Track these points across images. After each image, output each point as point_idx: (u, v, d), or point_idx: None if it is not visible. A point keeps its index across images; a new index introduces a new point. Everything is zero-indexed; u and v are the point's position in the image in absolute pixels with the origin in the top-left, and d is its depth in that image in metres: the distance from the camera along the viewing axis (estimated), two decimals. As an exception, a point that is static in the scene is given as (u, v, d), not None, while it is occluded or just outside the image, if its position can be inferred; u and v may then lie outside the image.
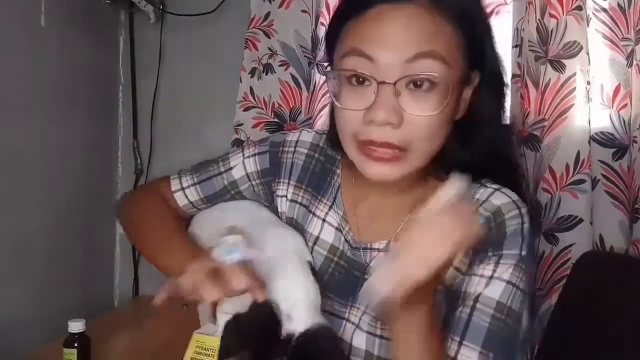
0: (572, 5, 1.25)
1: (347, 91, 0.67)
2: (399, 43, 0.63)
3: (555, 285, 1.26)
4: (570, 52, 1.25)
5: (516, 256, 0.70)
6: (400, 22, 0.63)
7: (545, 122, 1.27)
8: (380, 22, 0.64)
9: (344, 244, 0.82)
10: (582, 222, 1.25)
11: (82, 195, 1.48)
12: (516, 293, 0.69)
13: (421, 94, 0.64)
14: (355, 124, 0.67)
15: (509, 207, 0.72)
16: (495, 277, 0.69)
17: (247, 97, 1.48)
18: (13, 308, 1.20)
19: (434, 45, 0.63)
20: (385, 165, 0.67)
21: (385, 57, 0.63)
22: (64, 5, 1.36)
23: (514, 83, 1.35)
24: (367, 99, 0.65)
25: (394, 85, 0.63)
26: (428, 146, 0.67)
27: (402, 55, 0.63)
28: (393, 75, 0.63)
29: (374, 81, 0.64)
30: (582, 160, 1.25)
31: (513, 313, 0.69)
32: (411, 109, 0.64)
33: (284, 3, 1.45)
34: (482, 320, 0.67)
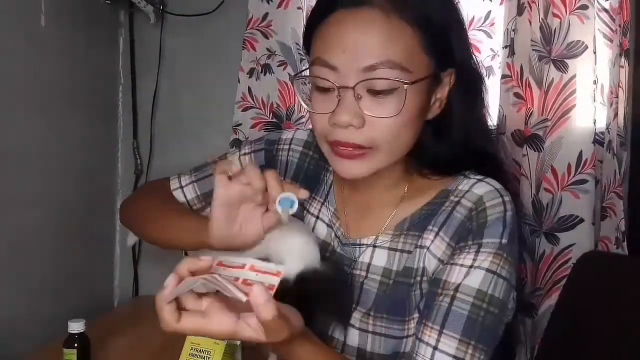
0: (576, 5, 1.24)
1: (316, 96, 0.72)
2: (357, 50, 0.66)
3: (555, 285, 1.26)
4: (573, 52, 1.25)
5: (496, 244, 0.70)
6: (358, 28, 0.66)
7: (548, 122, 1.27)
8: (340, 29, 0.67)
9: (335, 240, 0.84)
10: (584, 222, 1.25)
11: (82, 195, 1.48)
12: (497, 281, 0.69)
13: (380, 98, 0.67)
14: (324, 126, 0.71)
15: (491, 196, 0.73)
16: (475, 266, 0.69)
17: (246, 97, 1.48)
18: (13, 308, 1.20)
19: (391, 53, 0.66)
20: (353, 162, 0.70)
21: (344, 64, 0.66)
22: (64, 5, 1.36)
23: (504, 83, 1.35)
24: (331, 103, 0.68)
25: (353, 89, 0.67)
26: (393, 145, 0.70)
27: (359, 62, 0.66)
28: (352, 81, 0.67)
29: (335, 87, 0.68)
30: (585, 160, 1.25)
31: (495, 300, 0.69)
32: (371, 112, 0.67)
33: (282, 3, 1.45)
34: (461, 309, 0.68)
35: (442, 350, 0.67)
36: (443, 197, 0.76)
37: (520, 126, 1.31)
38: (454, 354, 0.66)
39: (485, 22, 1.42)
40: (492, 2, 1.41)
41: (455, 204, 0.74)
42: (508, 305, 0.71)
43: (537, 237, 1.28)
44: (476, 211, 0.72)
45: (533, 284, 1.28)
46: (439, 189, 0.77)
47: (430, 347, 0.68)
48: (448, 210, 0.75)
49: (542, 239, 1.28)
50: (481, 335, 0.67)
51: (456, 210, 0.74)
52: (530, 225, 1.28)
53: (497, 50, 1.41)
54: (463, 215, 0.73)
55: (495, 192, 0.73)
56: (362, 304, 0.78)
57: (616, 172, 1.21)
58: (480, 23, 1.42)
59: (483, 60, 1.42)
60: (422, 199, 0.78)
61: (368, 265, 0.80)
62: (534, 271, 1.28)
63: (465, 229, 0.72)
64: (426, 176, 0.78)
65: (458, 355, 0.66)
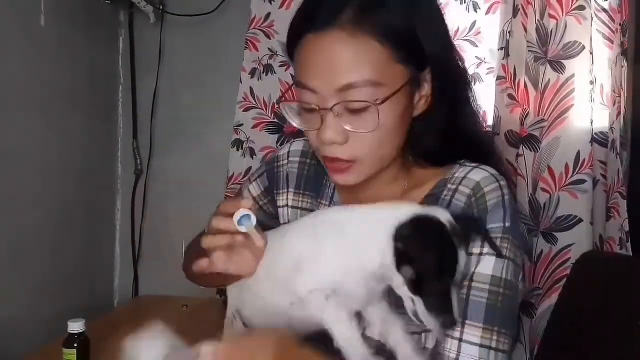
0: (573, 5, 1.25)
1: (304, 114, 0.75)
2: (328, 74, 0.68)
3: (554, 284, 1.26)
4: (569, 53, 1.26)
5: (500, 228, 0.71)
6: (327, 51, 0.68)
7: (544, 123, 1.27)
8: (310, 52, 0.70)
9: None
10: (582, 222, 1.25)
11: (82, 195, 1.48)
12: (508, 264, 0.71)
13: (357, 115, 0.70)
14: (315, 141, 0.75)
15: (488, 181, 0.73)
16: (484, 252, 0.70)
17: (247, 97, 1.48)
18: (13, 308, 1.20)
19: (360, 72, 0.67)
20: (343, 174, 0.74)
21: (320, 87, 0.69)
22: (63, 5, 1.36)
23: (498, 85, 1.35)
24: (316, 122, 0.72)
25: (331, 110, 0.69)
26: (377, 154, 0.73)
27: (332, 84, 0.68)
28: (330, 102, 0.69)
29: (317, 108, 0.70)
30: (583, 160, 1.25)
31: (509, 284, 0.70)
32: (352, 127, 0.70)
33: (284, 3, 1.45)
34: (479, 297, 0.69)
35: (468, 341, 0.67)
36: (441, 186, 0.77)
37: (513, 127, 1.31)
38: (479, 342, 0.67)
39: (470, 32, 1.43)
40: (477, 13, 1.42)
41: (454, 191, 0.75)
42: (518, 286, 0.72)
43: (535, 237, 1.28)
44: (475, 197, 0.73)
45: (531, 284, 1.28)
46: (437, 179, 0.78)
47: (455, 340, 0.68)
48: (447, 199, 0.75)
49: (540, 238, 1.28)
50: (503, 320, 0.69)
51: (455, 198, 0.75)
52: (527, 225, 1.28)
53: (484, 57, 1.42)
54: (462, 202, 0.74)
55: (491, 177, 0.74)
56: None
57: (619, 172, 1.21)
58: (466, 32, 1.43)
59: (468, 67, 1.42)
60: (422, 191, 0.79)
61: None
62: (531, 271, 1.28)
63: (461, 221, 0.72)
64: (424, 166, 0.80)
65: (484, 343, 0.67)
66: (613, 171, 1.24)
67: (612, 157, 1.23)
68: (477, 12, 1.42)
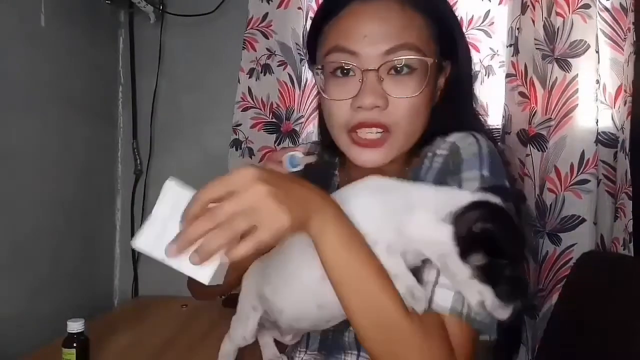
0: (579, 4, 1.24)
1: (333, 84, 0.74)
2: (377, 37, 0.70)
3: (556, 285, 1.26)
4: (576, 51, 1.24)
5: (477, 177, 0.70)
6: (375, 17, 0.71)
7: (551, 122, 1.26)
8: (359, 18, 0.71)
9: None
10: (585, 222, 1.24)
11: (82, 195, 1.48)
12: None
13: (402, 78, 0.71)
14: (344, 113, 0.73)
15: (464, 137, 0.73)
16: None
17: (245, 97, 1.48)
18: (13, 308, 1.20)
19: (407, 37, 0.71)
20: (373, 151, 0.73)
21: (365, 50, 0.70)
22: (64, 5, 1.36)
23: (508, 82, 1.34)
24: (353, 88, 0.71)
25: (377, 72, 0.71)
26: (410, 127, 0.74)
27: (380, 47, 0.70)
28: (375, 64, 0.70)
29: (358, 70, 0.71)
30: (587, 159, 1.24)
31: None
32: (394, 92, 0.71)
33: (282, 3, 1.45)
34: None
35: (443, 284, 0.66)
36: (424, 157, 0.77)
37: (525, 126, 1.30)
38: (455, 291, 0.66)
39: (485, 22, 1.41)
40: (491, 2, 1.40)
41: (433, 156, 0.75)
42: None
43: (541, 238, 1.27)
44: (451, 154, 0.73)
45: (536, 285, 1.27)
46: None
47: (430, 284, 0.67)
48: (428, 165, 0.75)
49: (545, 239, 1.27)
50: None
51: (434, 161, 0.75)
52: (534, 226, 1.27)
53: (497, 49, 1.41)
54: (440, 164, 0.74)
55: (468, 134, 0.74)
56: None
57: (627, 172, 1.21)
58: (480, 22, 1.41)
59: (482, 59, 1.41)
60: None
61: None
62: (536, 272, 1.27)
63: (444, 173, 0.72)
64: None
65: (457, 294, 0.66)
66: (621, 171, 1.23)
67: (621, 157, 1.23)
68: (490, 1, 1.40)
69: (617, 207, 1.23)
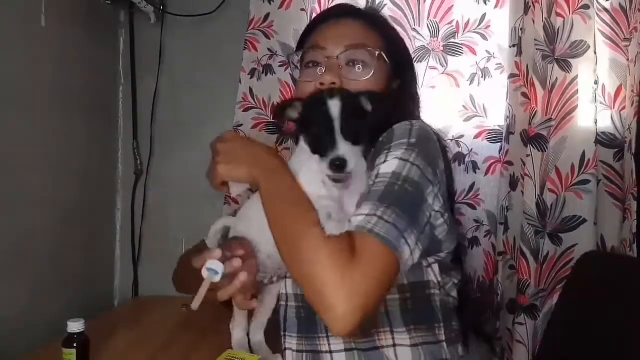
0: (579, 4, 1.24)
1: (306, 71, 1.01)
2: (341, 38, 0.98)
3: (557, 285, 1.26)
4: (576, 52, 1.24)
5: (404, 142, 0.84)
6: (342, 27, 1.00)
7: (552, 122, 1.26)
8: (331, 28, 1.01)
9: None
10: (586, 222, 1.24)
11: (82, 195, 1.48)
12: (411, 167, 0.82)
13: (356, 67, 0.96)
14: (309, 90, 0.95)
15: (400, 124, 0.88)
16: (388, 159, 0.83)
17: (247, 97, 1.48)
18: (13, 308, 1.20)
19: (363, 41, 0.97)
20: None
21: (331, 45, 0.97)
22: (64, 5, 1.36)
23: (512, 82, 1.34)
24: (319, 74, 0.97)
25: (337, 59, 0.96)
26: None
27: (342, 43, 0.97)
28: (336, 53, 0.96)
29: (323, 59, 0.97)
30: (587, 160, 1.24)
31: (410, 180, 0.81)
32: (348, 76, 0.96)
33: (283, 3, 1.45)
34: (379, 186, 0.81)
35: (358, 213, 0.79)
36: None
37: (526, 126, 1.30)
38: (367, 212, 0.78)
39: (481, 25, 1.42)
40: (487, 5, 1.41)
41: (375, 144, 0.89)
42: (425, 193, 0.82)
43: (541, 239, 1.27)
44: (387, 133, 0.87)
45: (537, 286, 1.27)
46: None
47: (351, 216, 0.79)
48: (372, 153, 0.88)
49: (546, 240, 1.27)
50: (395, 201, 0.78)
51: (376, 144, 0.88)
52: (534, 226, 1.27)
53: (493, 51, 1.42)
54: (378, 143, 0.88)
55: (404, 122, 0.88)
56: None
57: (633, 172, 1.20)
58: (476, 25, 1.42)
59: (478, 62, 1.42)
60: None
61: None
62: (537, 273, 1.27)
63: (379, 146, 0.86)
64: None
65: (370, 212, 0.78)
66: (628, 172, 1.23)
67: (628, 158, 1.23)
68: (486, 5, 1.41)
69: (625, 208, 1.23)
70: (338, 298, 0.71)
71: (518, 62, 1.32)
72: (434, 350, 0.89)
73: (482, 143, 1.42)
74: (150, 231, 1.66)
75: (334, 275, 0.72)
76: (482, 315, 1.35)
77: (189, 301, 0.77)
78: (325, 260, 0.73)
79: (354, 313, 0.71)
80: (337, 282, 0.72)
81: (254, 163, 0.86)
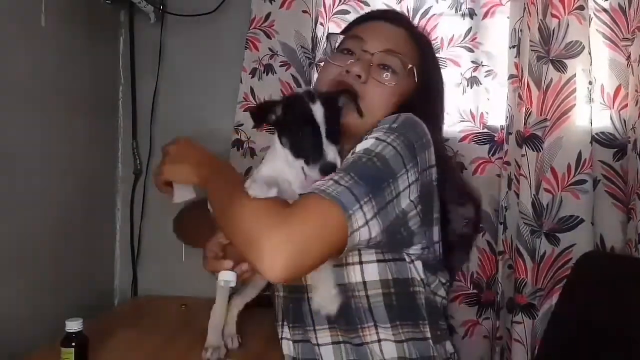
0: (574, 5, 1.24)
1: (338, 56, 1.02)
2: (384, 39, 1.00)
3: (556, 285, 1.26)
4: (571, 52, 1.25)
5: (387, 127, 0.87)
6: (388, 31, 1.03)
7: (547, 122, 1.27)
8: (378, 26, 1.04)
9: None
10: (584, 223, 1.25)
11: (82, 195, 1.48)
12: (386, 146, 0.83)
13: (385, 73, 0.99)
14: (334, 72, 0.99)
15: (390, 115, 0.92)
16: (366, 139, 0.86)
17: (248, 97, 1.48)
18: (13, 308, 1.20)
19: (402, 50, 1.01)
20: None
21: (372, 42, 1.00)
22: (64, 5, 1.36)
23: (512, 83, 1.35)
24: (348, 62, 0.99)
25: (372, 55, 0.98)
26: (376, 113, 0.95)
27: (383, 44, 0.99)
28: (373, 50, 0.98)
29: (359, 51, 1.00)
30: (584, 160, 1.25)
31: (380, 157, 0.82)
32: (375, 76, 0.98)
33: (284, 3, 1.45)
34: (350, 159, 0.83)
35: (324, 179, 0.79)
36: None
37: (521, 127, 1.31)
38: (329, 177, 0.79)
39: (466, 38, 1.43)
40: (473, 20, 1.42)
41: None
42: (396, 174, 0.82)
43: (538, 238, 1.27)
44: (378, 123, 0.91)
45: (534, 285, 1.27)
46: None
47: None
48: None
49: (543, 239, 1.27)
50: (357, 170, 0.79)
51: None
52: (530, 226, 1.27)
53: (481, 60, 1.43)
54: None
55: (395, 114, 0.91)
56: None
57: (638, 172, 1.21)
58: (461, 40, 1.43)
59: (464, 72, 1.44)
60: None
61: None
62: (534, 272, 1.27)
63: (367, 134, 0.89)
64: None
65: (332, 178, 0.79)
66: (633, 172, 1.23)
67: (633, 157, 1.23)
68: (472, 19, 1.43)
69: (630, 208, 1.23)
70: (269, 239, 0.70)
71: (517, 62, 1.32)
72: (421, 347, 0.90)
73: (469, 145, 1.43)
74: (150, 231, 1.66)
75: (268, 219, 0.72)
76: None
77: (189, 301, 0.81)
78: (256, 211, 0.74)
79: (287, 259, 0.70)
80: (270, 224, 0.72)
81: (203, 163, 0.91)
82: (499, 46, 1.41)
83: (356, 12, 1.46)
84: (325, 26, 1.48)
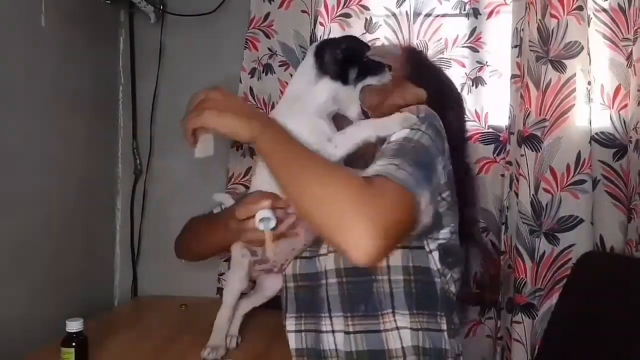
0: (573, 6, 1.25)
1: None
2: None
3: (555, 285, 1.26)
4: (570, 53, 1.25)
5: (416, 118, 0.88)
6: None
7: (546, 122, 1.27)
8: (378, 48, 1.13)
9: None
10: (583, 223, 1.25)
11: (82, 195, 1.48)
12: (423, 135, 0.86)
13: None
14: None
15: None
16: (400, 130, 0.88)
17: (247, 97, 1.48)
18: (13, 308, 1.20)
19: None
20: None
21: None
22: (64, 5, 1.36)
23: (514, 83, 1.35)
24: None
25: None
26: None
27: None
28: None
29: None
30: (583, 160, 1.25)
31: (422, 144, 0.85)
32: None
33: (283, 3, 1.45)
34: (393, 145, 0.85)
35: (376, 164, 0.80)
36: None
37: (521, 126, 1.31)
38: (383, 163, 0.80)
39: (471, 38, 1.43)
40: (477, 19, 1.42)
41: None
42: (435, 161, 0.86)
43: (537, 238, 1.27)
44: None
45: (533, 285, 1.28)
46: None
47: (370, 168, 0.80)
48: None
49: (542, 239, 1.27)
50: (410, 156, 0.82)
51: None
52: (529, 226, 1.28)
53: (486, 60, 1.43)
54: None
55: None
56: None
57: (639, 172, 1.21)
58: (465, 40, 1.43)
59: (468, 73, 1.43)
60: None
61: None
62: (534, 272, 1.28)
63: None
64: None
65: (392, 162, 0.80)
66: (634, 172, 1.23)
67: (634, 157, 1.23)
68: (477, 19, 1.42)
69: (631, 208, 1.23)
70: (358, 221, 0.68)
71: (519, 62, 1.32)
72: (434, 338, 0.90)
73: (474, 145, 1.42)
74: (150, 231, 1.66)
75: (354, 198, 0.70)
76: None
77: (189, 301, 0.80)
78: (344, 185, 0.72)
79: (374, 240, 0.68)
80: (357, 203, 0.70)
81: (253, 116, 0.79)
82: (503, 46, 1.40)
83: (357, 16, 1.46)
84: (327, 27, 1.48)
